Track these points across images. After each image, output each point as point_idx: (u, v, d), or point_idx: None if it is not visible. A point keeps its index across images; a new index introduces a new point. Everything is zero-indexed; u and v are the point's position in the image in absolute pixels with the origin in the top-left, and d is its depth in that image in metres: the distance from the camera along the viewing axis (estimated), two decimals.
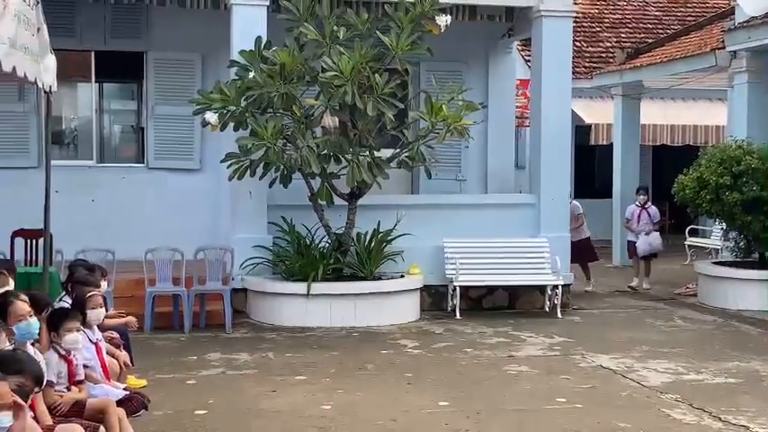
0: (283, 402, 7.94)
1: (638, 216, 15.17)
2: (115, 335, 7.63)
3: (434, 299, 12.69)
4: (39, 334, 5.84)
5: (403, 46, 11.13)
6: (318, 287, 11.42)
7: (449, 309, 12.48)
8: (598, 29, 22.81)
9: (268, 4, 12.00)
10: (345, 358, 9.74)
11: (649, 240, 14.95)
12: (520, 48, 18.00)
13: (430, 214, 12.76)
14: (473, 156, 14.80)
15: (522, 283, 12.76)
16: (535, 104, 13.48)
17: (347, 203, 11.81)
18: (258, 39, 11.47)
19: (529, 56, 15.42)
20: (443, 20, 11.32)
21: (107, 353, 6.89)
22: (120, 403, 6.09)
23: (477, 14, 13.48)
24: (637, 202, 15.37)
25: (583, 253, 14.50)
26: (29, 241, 10.96)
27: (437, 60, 12.46)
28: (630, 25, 23.18)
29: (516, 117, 16.44)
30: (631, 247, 15.30)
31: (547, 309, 12.57)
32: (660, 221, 15.64)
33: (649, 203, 15.43)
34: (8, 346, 4.97)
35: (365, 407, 7.83)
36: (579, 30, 20.69)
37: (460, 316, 12.14)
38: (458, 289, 12.33)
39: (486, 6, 13.36)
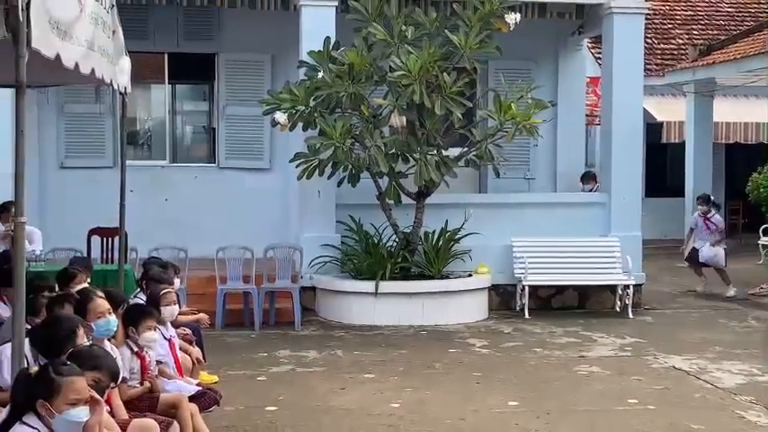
0: (352, 400, 7.96)
1: (704, 225, 14.42)
2: (188, 331, 7.73)
3: (503, 298, 12.61)
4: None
5: (471, 45, 11.07)
6: (386, 286, 11.43)
7: (517, 308, 12.39)
8: (670, 26, 22.46)
9: (337, 4, 12.03)
10: (414, 357, 9.72)
11: (714, 252, 14.22)
12: (590, 45, 17.77)
13: (498, 213, 12.68)
14: (542, 154, 14.66)
15: (593, 282, 12.60)
16: (606, 102, 13.30)
17: (415, 202, 11.79)
18: (327, 39, 11.51)
19: (599, 53, 15.23)
20: (512, 18, 11.23)
21: (180, 349, 6.97)
22: (192, 399, 6.15)
23: (547, 12, 13.34)
24: (698, 212, 14.67)
25: None
26: (105, 239, 11.14)
27: (506, 59, 12.35)
28: (702, 22, 22.79)
29: (586, 115, 16.26)
30: (694, 253, 14.50)
31: (618, 309, 12.39)
32: (722, 232, 14.55)
33: (713, 212, 14.56)
34: (86, 342, 5.06)
35: (434, 405, 7.81)
36: (650, 27, 20.38)
37: (529, 315, 12.04)
38: (527, 288, 12.23)
39: (556, 3, 13.22)
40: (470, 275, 12.10)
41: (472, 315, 11.83)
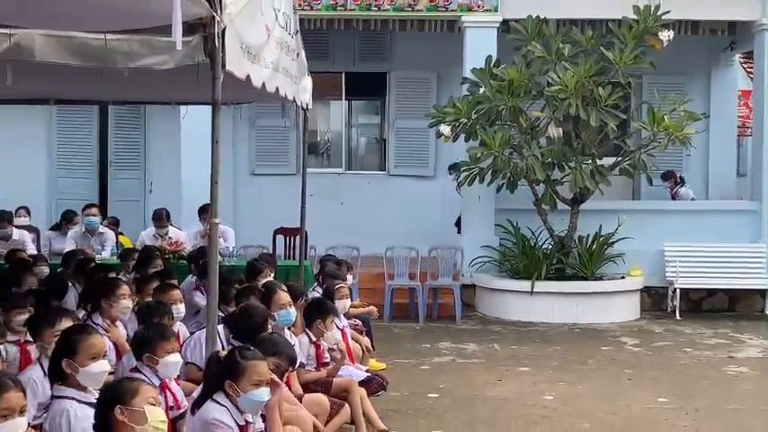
0: (508, 390, 7.87)
1: None
2: (359, 322, 7.83)
3: (654, 300, 12.21)
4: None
5: (626, 60, 10.79)
6: (542, 285, 11.26)
7: (668, 309, 11.97)
8: None
9: (498, 25, 11.96)
10: (567, 352, 9.53)
11: None
12: (742, 60, 16.92)
13: (651, 219, 12.29)
14: (694, 163, 14.10)
15: (743, 286, 12.04)
16: (757, 114, 12.68)
17: (570, 208, 11.58)
18: (488, 57, 11.45)
19: (751, 68, 14.50)
20: (666, 35, 10.88)
21: (352, 338, 7.06)
22: (362, 383, 6.21)
23: (700, 29, 12.81)
24: None
25: None
26: (287, 238, 11.44)
27: (659, 73, 11.96)
28: None
29: (738, 126, 15.51)
30: None
31: (767, 312, 11.78)
32: None
33: None
34: (267, 330, 5.20)
35: (586, 399, 7.62)
36: None
37: (680, 317, 11.59)
38: (678, 291, 11.80)
39: (708, 21, 12.68)
40: (623, 277, 11.78)
41: (624, 315, 11.50)
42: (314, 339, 6.20)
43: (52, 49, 4.67)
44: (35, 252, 9.69)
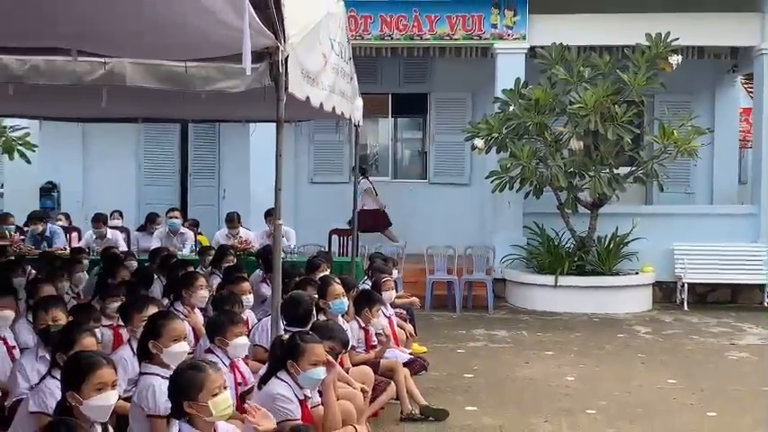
0: (535, 372, 7.81)
1: None
2: (403, 311, 7.81)
3: (664, 293, 12.01)
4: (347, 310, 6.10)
5: (639, 82, 10.65)
6: (564, 279, 11.15)
7: (677, 302, 11.76)
8: None
9: (526, 51, 11.91)
10: (587, 339, 9.42)
11: None
12: (743, 81, 16.59)
13: (662, 222, 12.09)
14: (701, 172, 13.85)
15: (744, 281, 11.80)
16: (757, 129, 12.45)
17: (589, 211, 11.46)
18: (517, 79, 11.39)
19: (751, 88, 14.20)
20: (675, 59, 10.73)
21: (397, 325, 7.05)
22: (406, 364, 6.21)
23: (705, 53, 12.59)
24: None
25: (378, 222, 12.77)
26: (341, 238, 11.45)
27: (669, 93, 11.78)
28: None
29: (739, 140, 15.22)
30: None
31: (766, 304, 11.53)
32: None
33: None
34: (322, 318, 5.22)
35: (604, 380, 7.53)
36: None
37: (687, 308, 11.39)
38: (686, 285, 11.61)
39: (712, 47, 12.46)
40: (637, 273, 11.62)
41: (638, 306, 11.33)
42: (363, 325, 6.21)
43: (141, 76, 4.77)
44: (125, 249, 9.85)
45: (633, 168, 11.41)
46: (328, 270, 7.38)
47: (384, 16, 12.15)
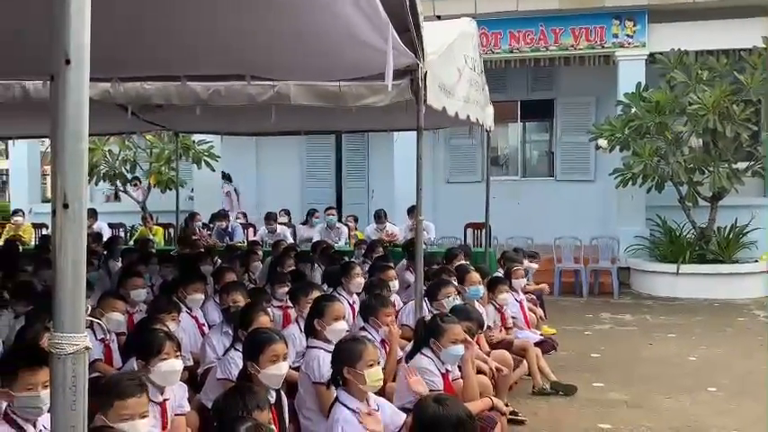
0: (659, 352, 7.49)
1: None
2: (534, 297, 7.69)
3: None
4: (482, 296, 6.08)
5: (756, 82, 9.97)
6: (686, 267, 10.61)
7: None
8: None
9: (646, 57, 11.41)
10: (708, 323, 8.92)
11: None
12: None
13: None
14: None
15: None
16: None
17: (709, 204, 10.85)
18: (638, 84, 10.95)
19: None
20: None
21: (528, 309, 6.97)
22: (537, 344, 6.14)
23: None
24: None
25: None
26: (475, 231, 11.40)
27: None
28: None
29: None
30: None
31: None
32: None
33: None
34: (458, 302, 5.23)
35: (724, 360, 7.12)
36: None
37: None
38: None
39: None
40: (756, 261, 10.87)
41: (756, 292, 10.61)
42: (498, 307, 6.16)
43: (302, 95, 4.99)
44: (292, 242, 10.22)
45: (751, 163, 10.73)
46: (465, 260, 7.37)
47: (512, 32, 11.98)
